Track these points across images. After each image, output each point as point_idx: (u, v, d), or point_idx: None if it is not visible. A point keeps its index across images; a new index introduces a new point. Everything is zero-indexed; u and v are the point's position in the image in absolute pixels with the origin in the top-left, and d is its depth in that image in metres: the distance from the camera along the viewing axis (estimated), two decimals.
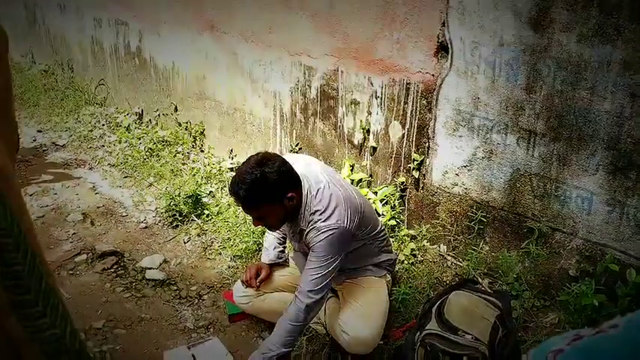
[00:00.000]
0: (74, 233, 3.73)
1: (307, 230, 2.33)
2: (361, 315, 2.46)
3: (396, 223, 3.37)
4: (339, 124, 3.66)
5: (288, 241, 2.84)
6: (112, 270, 3.30)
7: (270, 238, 2.81)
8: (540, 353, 0.70)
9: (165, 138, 4.97)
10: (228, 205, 3.87)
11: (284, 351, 2.33)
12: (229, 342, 2.73)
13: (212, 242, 3.57)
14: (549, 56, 2.54)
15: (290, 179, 2.27)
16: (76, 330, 0.71)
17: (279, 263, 2.81)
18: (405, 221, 3.42)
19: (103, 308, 2.96)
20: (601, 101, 2.43)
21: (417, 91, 3.13)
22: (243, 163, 2.27)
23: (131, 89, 5.65)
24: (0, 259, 0.61)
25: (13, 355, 0.66)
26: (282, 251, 2.83)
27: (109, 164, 4.80)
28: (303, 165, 2.44)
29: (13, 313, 0.63)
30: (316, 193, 2.33)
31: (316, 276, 2.30)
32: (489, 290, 2.80)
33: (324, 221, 2.28)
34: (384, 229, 2.74)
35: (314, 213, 2.30)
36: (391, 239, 3.21)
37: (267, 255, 2.79)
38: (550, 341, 0.72)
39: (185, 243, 3.62)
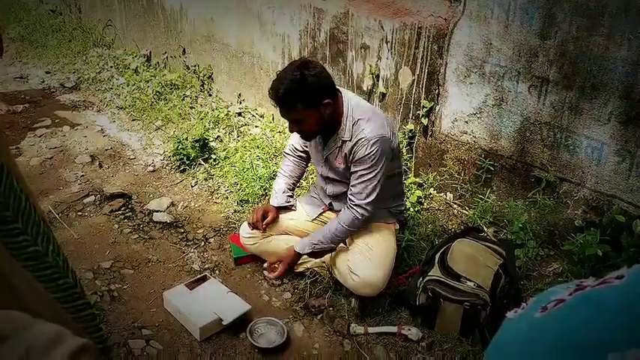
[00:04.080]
0: (82, 175, 3.75)
1: (353, 142, 2.37)
2: (371, 258, 2.49)
3: (403, 170, 3.35)
4: (348, 69, 3.60)
5: (297, 187, 2.86)
6: (120, 212, 3.33)
7: (281, 183, 2.81)
8: (541, 301, 0.68)
9: (173, 81, 4.92)
10: (236, 149, 3.86)
11: (332, 247, 2.53)
12: (234, 284, 2.77)
13: (219, 186, 3.58)
14: (565, 0, 2.45)
15: (328, 86, 2.33)
16: (59, 247, 0.71)
17: (287, 207, 2.81)
18: (413, 169, 3.40)
19: (111, 249, 3.00)
20: (617, 48, 2.35)
21: (429, 36, 3.05)
22: (285, 67, 2.36)
23: (139, 31, 5.56)
24: None
25: (14, 300, 0.66)
26: (291, 196, 2.84)
27: (117, 107, 4.78)
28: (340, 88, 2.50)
29: None
30: (356, 106, 2.40)
31: (369, 186, 2.39)
32: (493, 239, 2.81)
33: (369, 131, 2.34)
34: (403, 174, 2.82)
35: (357, 122, 2.37)
36: None
37: (276, 198, 2.79)
38: (553, 290, 0.69)
39: (192, 187, 3.63)
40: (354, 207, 2.43)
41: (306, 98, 2.26)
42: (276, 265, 2.65)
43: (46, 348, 0.52)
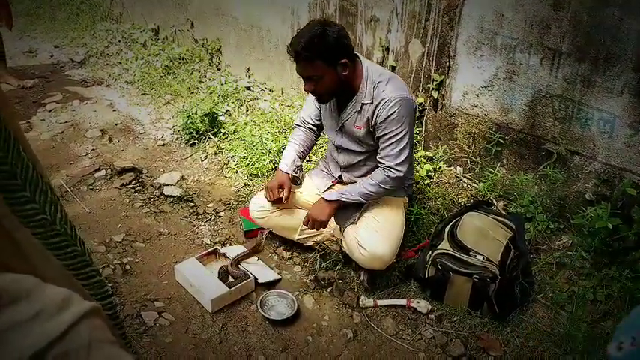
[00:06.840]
0: (93, 149, 3.77)
1: (375, 104, 2.37)
2: (380, 232, 2.49)
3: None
4: (357, 41, 3.56)
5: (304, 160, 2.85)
6: (131, 186, 3.35)
7: (291, 151, 2.75)
8: None
9: (182, 55, 4.90)
10: (245, 124, 3.86)
11: (359, 200, 2.51)
12: None
13: (228, 161, 3.59)
14: None
15: (347, 46, 2.33)
16: (66, 216, 0.71)
17: (294, 180, 2.80)
18: (422, 142, 3.39)
19: (123, 222, 3.03)
20: (632, 19, 2.31)
21: (439, 7, 3.01)
22: (306, 24, 2.37)
23: (146, 4, 5.52)
24: None
25: (27, 266, 0.67)
26: (300, 167, 2.80)
27: (126, 81, 4.77)
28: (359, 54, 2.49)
29: (2, 198, 0.62)
30: (375, 70, 2.40)
31: (398, 147, 2.39)
32: (503, 212, 2.81)
33: (391, 92, 2.33)
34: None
35: (377, 84, 2.36)
36: None
37: (286, 165, 2.73)
38: None
39: (202, 161, 3.65)
40: (386, 169, 2.44)
41: (325, 54, 2.26)
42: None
43: (57, 310, 0.53)
